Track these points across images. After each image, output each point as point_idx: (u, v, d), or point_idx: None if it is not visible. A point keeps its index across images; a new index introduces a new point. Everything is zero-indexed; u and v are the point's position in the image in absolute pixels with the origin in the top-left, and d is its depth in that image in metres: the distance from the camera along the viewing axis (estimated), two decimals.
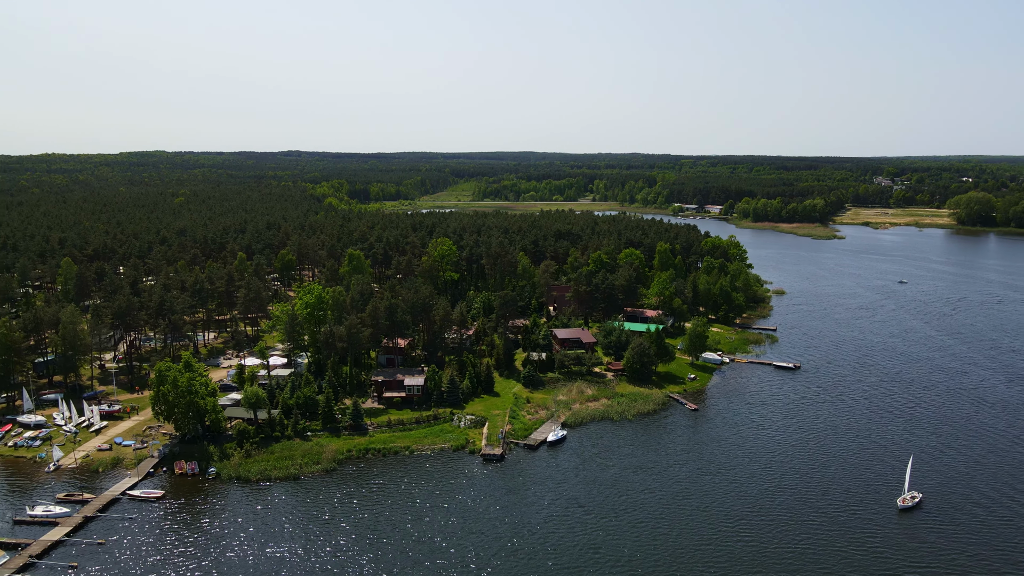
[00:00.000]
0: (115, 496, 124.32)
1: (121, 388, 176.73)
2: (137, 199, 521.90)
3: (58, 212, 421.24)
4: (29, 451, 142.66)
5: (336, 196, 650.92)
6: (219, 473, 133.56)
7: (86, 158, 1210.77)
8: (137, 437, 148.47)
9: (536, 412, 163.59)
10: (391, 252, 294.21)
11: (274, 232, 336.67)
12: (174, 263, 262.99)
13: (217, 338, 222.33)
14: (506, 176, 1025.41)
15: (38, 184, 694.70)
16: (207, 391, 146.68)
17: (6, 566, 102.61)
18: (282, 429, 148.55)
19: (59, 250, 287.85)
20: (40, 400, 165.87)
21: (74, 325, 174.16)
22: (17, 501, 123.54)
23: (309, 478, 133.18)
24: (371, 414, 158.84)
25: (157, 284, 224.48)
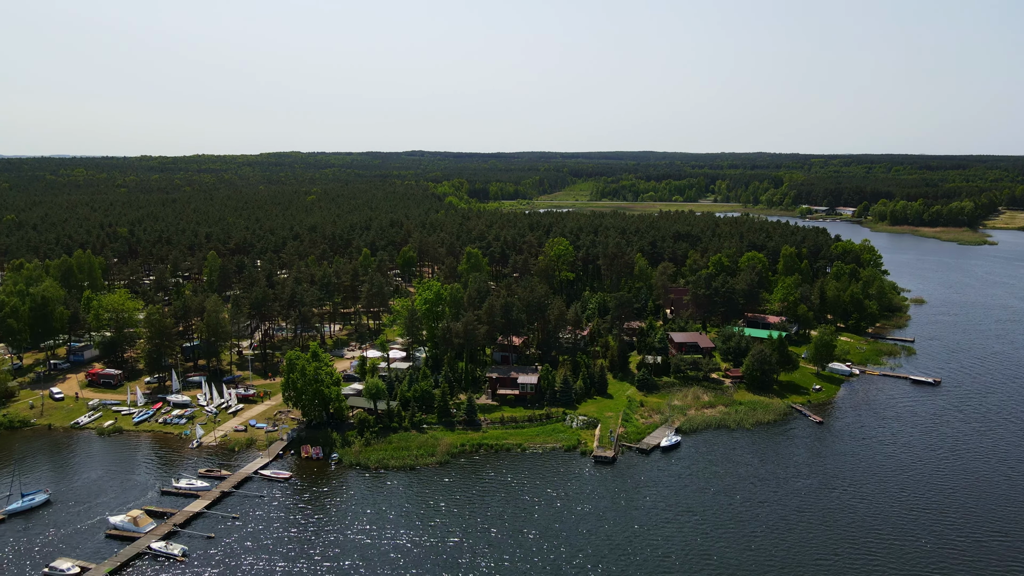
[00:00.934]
0: (248, 474, 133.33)
1: (256, 374, 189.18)
2: (274, 197, 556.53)
3: (206, 209, 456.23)
4: (176, 428, 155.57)
5: (456, 195, 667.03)
6: (341, 459, 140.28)
7: (231, 159, 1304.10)
8: (269, 420, 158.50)
9: (650, 416, 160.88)
10: (508, 251, 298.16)
11: (397, 230, 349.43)
12: (305, 258, 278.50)
13: (342, 330, 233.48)
14: (624, 176, 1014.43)
15: (190, 183, 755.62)
16: (332, 380, 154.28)
17: (154, 532, 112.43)
18: (399, 420, 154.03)
19: (205, 244, 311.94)
20: (186, 382, 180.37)
21: (217, 314, 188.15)
22: (165, 473, 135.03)
23: (424, 469, 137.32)
24: (485, 410, 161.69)
25: (289, 277, 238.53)
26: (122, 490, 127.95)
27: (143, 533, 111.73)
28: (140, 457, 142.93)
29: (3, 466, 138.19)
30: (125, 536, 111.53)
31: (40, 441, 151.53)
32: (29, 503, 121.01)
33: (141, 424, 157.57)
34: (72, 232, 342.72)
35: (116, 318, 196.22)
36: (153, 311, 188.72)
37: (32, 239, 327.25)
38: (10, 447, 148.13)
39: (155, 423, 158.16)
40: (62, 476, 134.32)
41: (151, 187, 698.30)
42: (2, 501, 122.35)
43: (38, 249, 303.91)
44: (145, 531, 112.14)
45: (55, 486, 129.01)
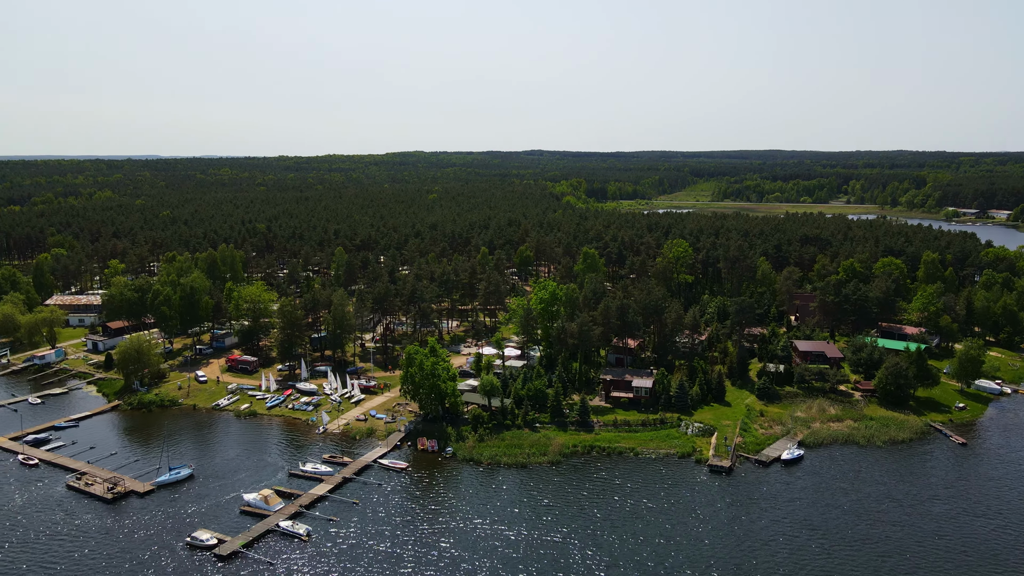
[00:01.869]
0: (368, 463, 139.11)
1: (377, 366, 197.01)
2: (398, 195, 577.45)
3: (335, 206, 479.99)
4: (303, 414, 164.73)
5: (574, 194, 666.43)
6: (455, 453, 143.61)
7: (359, 158, 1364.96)
8: (388, 412, 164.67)
9: (770, 427, 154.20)
10: (625, 252, 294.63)
11: (514, 229, 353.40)
12: (425, 255, 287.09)
13: (459, 326, 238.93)
14: (749, 176, 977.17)
15: (321, 181, 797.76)
16: (448, 376, 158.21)
17: (282, 511, 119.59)
18: (513, 418, 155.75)
19: (334, 240, 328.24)
20: (314, 371, 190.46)
21: (343, 307, 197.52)
22: (293, 456, 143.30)
23: (536, 467, 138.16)
24: (598, 412, 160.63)
25: (410, 274, 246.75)
26: (255, 470, 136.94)
27: (272, 512, 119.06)
28: (271, 440, 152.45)
29: (155, 441, 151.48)
30: (257, 513, 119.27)
31: (186, 420, 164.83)
32: (175, 476, 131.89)
33: (273, 409, 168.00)
34: (217, 227, 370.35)
35: (253, 308, 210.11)
36: (286, 303, 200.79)
37: (183, 233, 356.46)
38: (161, 424, 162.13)
39: (285, 408, 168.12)
40: (204, 453, 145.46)
41: (287, 186, 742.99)
42: (153, 473, 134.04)
43: (188, 243, 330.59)
44: (274, 510, 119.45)
45: (197, 462, 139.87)
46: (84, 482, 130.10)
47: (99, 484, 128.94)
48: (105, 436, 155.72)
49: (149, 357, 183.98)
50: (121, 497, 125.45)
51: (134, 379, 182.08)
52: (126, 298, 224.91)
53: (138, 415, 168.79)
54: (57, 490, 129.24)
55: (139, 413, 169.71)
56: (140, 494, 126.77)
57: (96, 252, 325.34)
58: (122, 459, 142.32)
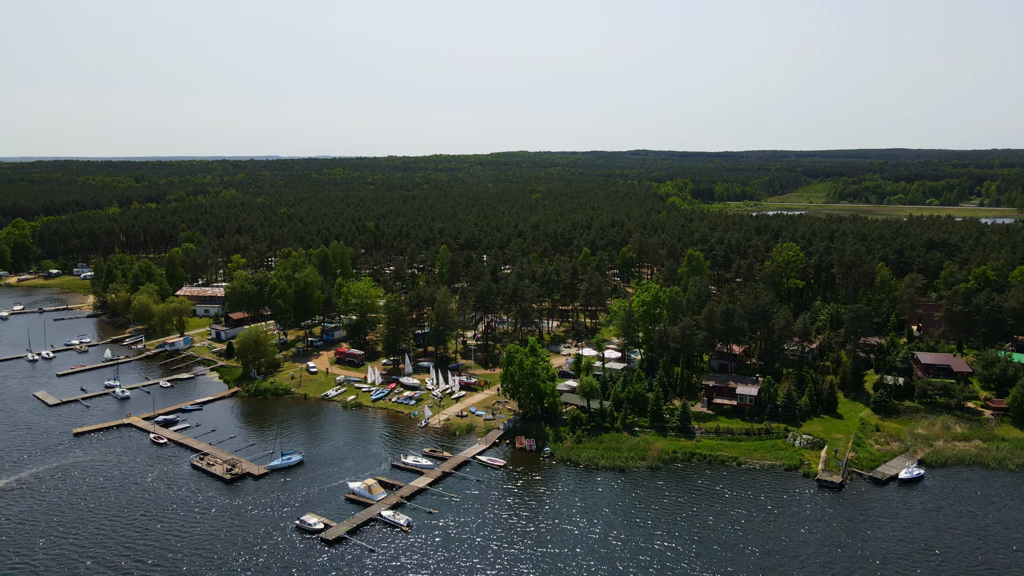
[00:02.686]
0: (467, 458, 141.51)
1: (478, 363, 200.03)
2: (501, 195, 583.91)
3: (440, 205, 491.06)
4: (406, 408, 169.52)
5: (679, 195, 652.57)
6: (553, 453, 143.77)
7: (464, 158, 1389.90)
8: (487, 409, 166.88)
9: (887, 443, 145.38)
10: (732, 255, 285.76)
11: (617, 229, 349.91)
12: (528, 254, 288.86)
13: (560, 326, 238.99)
14: (868, 176, 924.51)
15: (427, 181, 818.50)
16: (547, 376, 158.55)
17: (384, 501, 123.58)
18: (611, 421, 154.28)
19: (439, 238, 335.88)
20: (417, 366, 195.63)
21: (446, 304, 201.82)
22: (395, 448, 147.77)
23: (634, 472, 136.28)
24: (699, 418, 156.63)
25: (513, 273, 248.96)
26: (360, 459, 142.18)
27: (375, 501, 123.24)
28: (375, 431, 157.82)
29: (269, 427, 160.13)
30: (360, 501, 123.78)
31: (297, 408, 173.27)
32: (287, 461, 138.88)
33: (377, 401, 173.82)
34: (329, 225, 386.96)
35: (361, 304, 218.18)
36: (391, 299, 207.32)
37: (299, 230, 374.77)
38: (274, 411, 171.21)
39: (389, 402, 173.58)
40: (313, 441, 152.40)
41: (395, 185, 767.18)
42: (267, 457, 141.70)
43: (303, 239, 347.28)
44: (377, 499, 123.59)
45: (307, 448, 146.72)
46: (206, 462, 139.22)
47: (219, 465, 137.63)
48: (225, 420, 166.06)
49: (265, 347, 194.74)
50: (238, 478, 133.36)
51: (252, 367, 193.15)
52: (246, 291, 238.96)
53: (254, 402, 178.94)
54: (183, 468, 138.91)
55: (255, 400, 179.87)
56: (255, 476, 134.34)
57: (221, 247, 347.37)
58: (240, 442, 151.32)
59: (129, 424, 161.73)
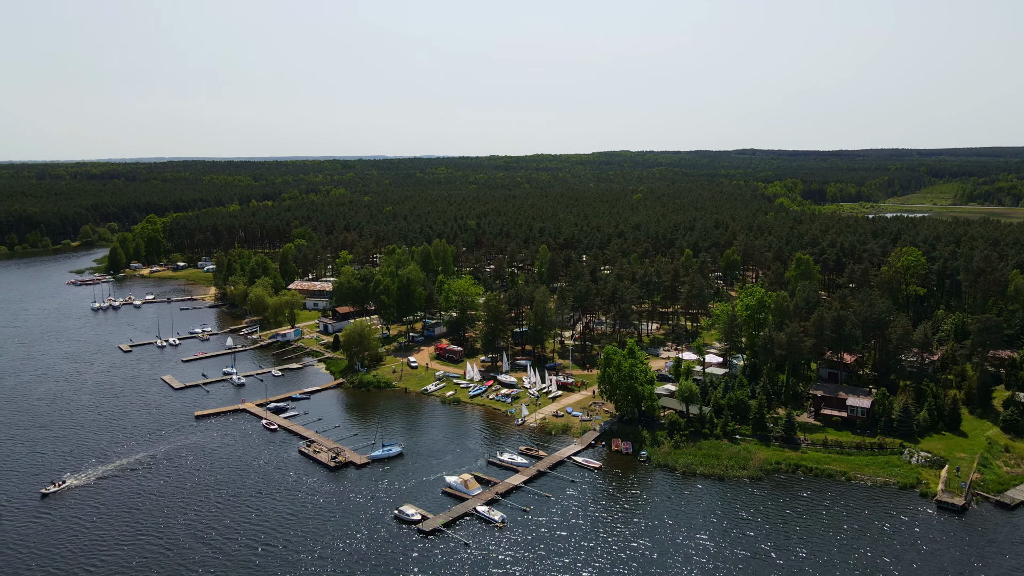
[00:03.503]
0: (562, 458, 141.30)
1: (575, 364, 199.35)
2: (602, 195, 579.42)
3: (541, 205, 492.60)
4: (503, 405, 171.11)
5: (788, 196, 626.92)
6: (649, 457, 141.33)
7: (565, 158, 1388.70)
8: (584, 410, 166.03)
9: (1017, 465, 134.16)
10: (844, 259, 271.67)
11: (721, 231, 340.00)
12: (628, 255, 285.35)
13: (659, 329, 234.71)
14: (1002, 176, 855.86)
15: (528, 180, 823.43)
16: (645, 379, 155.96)
17: (480, 496, 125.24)
18: (711, 427, 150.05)
19: (538, 238, 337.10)
20: (514, 364, 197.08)
21: (544, 304, 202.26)
22: (491, 445, 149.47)
23: (734, 481, 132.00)
24: (805, 429, 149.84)
25: (612, 273, 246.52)
26: (457, 454, 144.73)
27: (471, 496, 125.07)
28: (473, 427, 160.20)
29: (371, 419, 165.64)
30: (456, 495, 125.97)
31: (398, 401, 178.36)
32: (387, 452, 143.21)
33: (475, 398, 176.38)
34: (432, 223, 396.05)
35: (461, 301, 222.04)
36: (491, 297, 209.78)
37: (403, 228, 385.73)
38: (376, 403, 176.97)
39: (486, 398, 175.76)
40: (412, 433, 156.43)
41: (496, 184, 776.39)
42: (368, 447, 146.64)
43: (406, 237, 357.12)
44: (473, 494, 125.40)
45: (407, 441, 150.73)
46: (313, 449, 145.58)
47: (324, 452, 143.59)
48: (330, 410, 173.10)
49: (369, 341, 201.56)
50: (342, 466, 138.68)
51: (356, 360, 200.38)
52: (352, 286, 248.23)
53: (358, 393, 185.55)
54: (291, 454, 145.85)
55: (359, 392, 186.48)
56: (357, 465, 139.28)
57: (330, 243, 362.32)
58: (344, 432, 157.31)
59: (244, 410, 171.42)
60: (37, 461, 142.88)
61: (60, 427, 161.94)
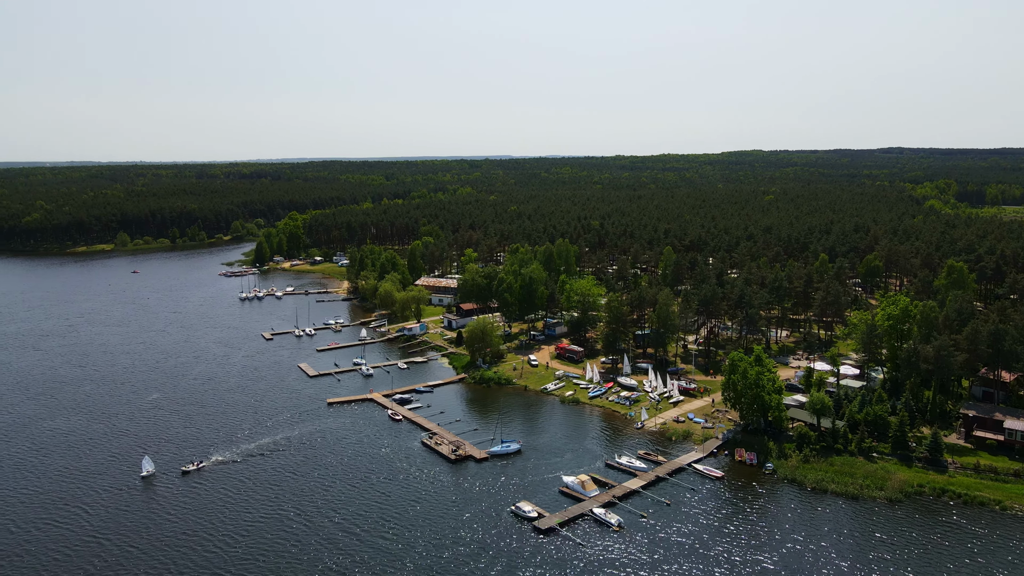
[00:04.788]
0: (682, 465, 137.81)
1: (698, 369, 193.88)
2: (731, 196, 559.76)
3: (666, 206, 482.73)
4: (622, 408, 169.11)
5: (940, 198, 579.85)
6: (776, 470, 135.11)
7: (693, 157, 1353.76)
8: (706, 417, 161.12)
9: None
10: (1005, 267, 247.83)
11: (861, 235, 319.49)
12: (757, 259, 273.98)
13: (789, 337, 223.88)
14: None
15: (654, 181, 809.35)
16: (773, 388, 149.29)
17: (597, 498, 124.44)
18: (844, 443, 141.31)
19: (663, 239, 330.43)
20: (635, 367, 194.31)
21: (668, 306, 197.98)
22: (609, 447, 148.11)
23: (869, 502, 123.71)
24: (953, 451, 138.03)
25: (739, 277, 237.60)
26: (575, 454, 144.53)
27: (588, 497, 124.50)
28: (591, 428, 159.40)
29: (491, 414, 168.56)
30: (573, 495, 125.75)
31: (517, 399, 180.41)
32: (505, 449, 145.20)
33: (594, 399, 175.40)
34: (556, 223, 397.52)
35: (583, 301, 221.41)
36: (613, 298, 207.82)
37: (527, 227, 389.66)
38: (496, 400, 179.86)
39: (605, 400, 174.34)
40: (531, 431, 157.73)
41: (621, 184, 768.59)
42: (488, 443, 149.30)
43: (530, 236, 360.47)
44: (590, 495, 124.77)
45: (525, 438, 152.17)
46: (434, 441, 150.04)
47: (445, 445, 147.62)
48: (452, 404, 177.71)
49: (491, 338, 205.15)
50: (462, 460, 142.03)
51: (478, 356, 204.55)
52: (476, 283, 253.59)
53: (479, 389, 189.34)
54: (414, 445, 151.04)
55: (480, 387, 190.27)
56: (476, 460, 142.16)
57: (455, 241, 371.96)
58: (464, 426, 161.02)
59: (371, 399, 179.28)
60: (192, 435, 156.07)
61: (212, 405, 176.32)
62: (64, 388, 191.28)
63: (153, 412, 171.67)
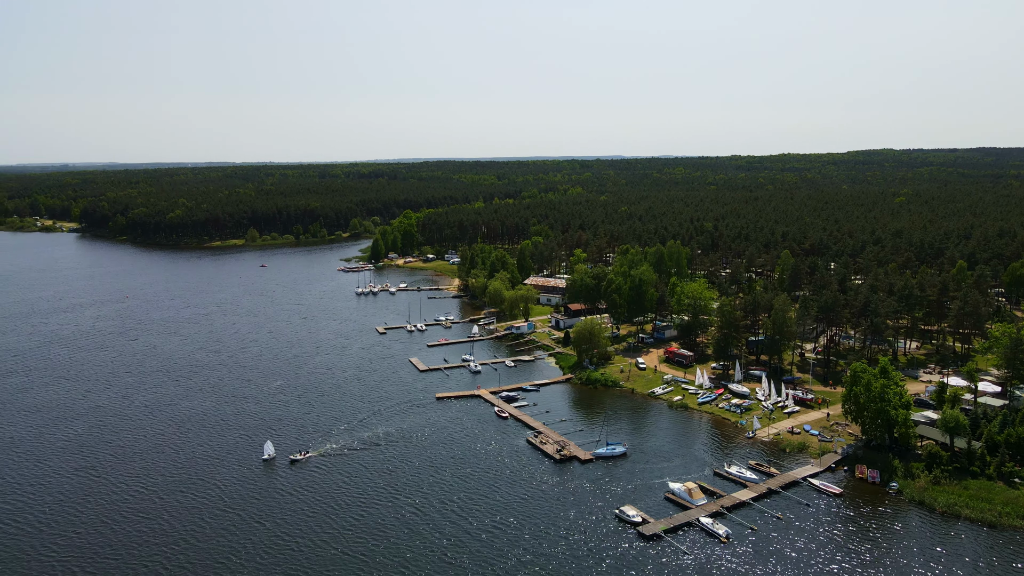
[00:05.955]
0: (797, 479, 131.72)
1: (816, 379, 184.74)
2: (857, 197, 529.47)
3: (785, 207, 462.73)
4: (733, 416, 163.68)
5: None
6: (901, 490, 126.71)
7: (815, 157, 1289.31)
8: (823, 429, 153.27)
9: None
10: None
11: (1007, 240, 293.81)
12: (885, 264, 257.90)
13: (919, 349, 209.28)
14: None
15: (772, 182, 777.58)
16: (900, 403, 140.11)
17: (704, 507, 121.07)
18: (982, 465, 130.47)
19: (780, 242, 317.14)
20: (747, 374, 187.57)
21: (784, 312, 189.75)
22: (718, 456, 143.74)
23: (1009, 530, 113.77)
24: None
25: (864, 284, 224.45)
26: (682, 461, 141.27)
27: (695, 505, 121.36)
28: (699, 435, 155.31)
29: (597, 416, 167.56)
30: (679, 503, 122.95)
31: (624, 401, 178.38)
32: (611, 451, 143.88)
33: (703, 405, 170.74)
34: (667, 224, 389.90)
35: (694, 304, 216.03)
36: (726, 302, 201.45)
37: (637, 228, 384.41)
38: (602, 402, 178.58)
39: (715, 407, 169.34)
40: (637, 435, 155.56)
41: (736, 185, 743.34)
42: (592, 444, 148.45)
43: (640, 237, 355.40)
44: (697, 504, 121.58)
45: (631, 442, 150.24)
46: (540, 440, 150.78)
47: (550, 444, 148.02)
48: (558, 403, 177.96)
49: (599, 339, 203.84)
50: (566, 460, 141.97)
51: (585, 357, 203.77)
52: (584, 284, 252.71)
53: (585, 390, 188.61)
54: (519, 442, 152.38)
55: (586, 388, 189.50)
56: (581, 460, 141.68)
57: (565, 241, 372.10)
58: (569, 426, 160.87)
59: (478, 396, 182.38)
60: (311, 421, 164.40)
61: (330, 393, 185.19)
62: (200, 371, 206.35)
63: (277, 397, 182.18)
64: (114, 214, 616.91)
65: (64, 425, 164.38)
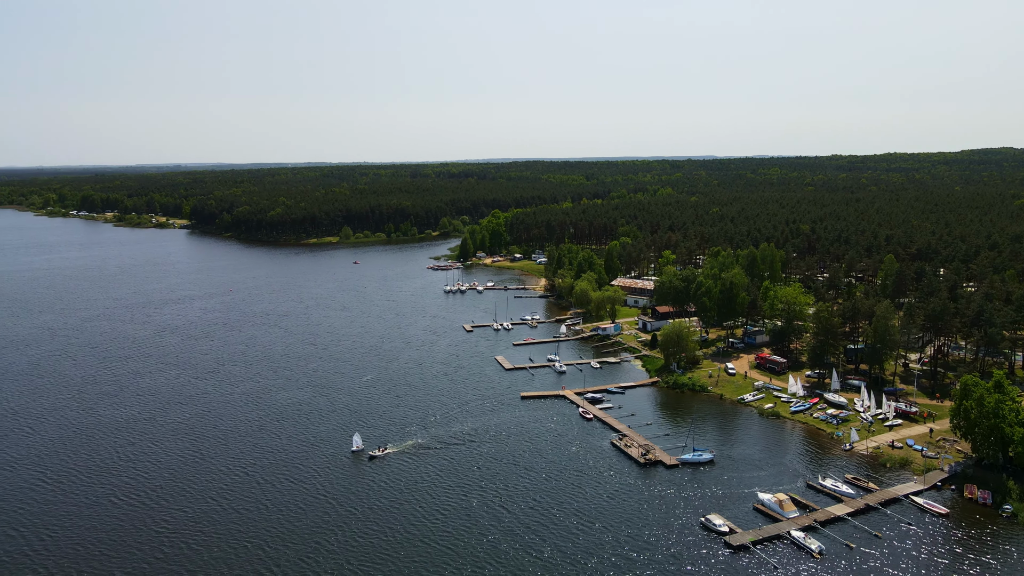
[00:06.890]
0: (898, 495, 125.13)
1: (920, 391, 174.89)
2: (971, 199, 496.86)
3: (889, 209, 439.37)
4: (828, 427, 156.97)
5: None
6: (1015, 514, 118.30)
7: (924, 157, 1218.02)
8: (929, 445, 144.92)
9: None
10: None
11: None
12: (1001, 271, 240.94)
13: None
14: None
15: (876, 182, 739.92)
16: (1017, 419, 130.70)
17: (795, 520, 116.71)
18: None
19: (884, 246, 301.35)
20: (845, 383, 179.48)
21: (887, 320, 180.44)
22: (811, 467, 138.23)
23: None
24: None
25: (978, 292, 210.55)
26: (773, 471, 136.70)
27: (785, 518, 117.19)
28: (791, 445, 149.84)
29: (683, 421, 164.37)
30: (769, 514, 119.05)
31: (712, 407, 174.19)
32: (697, 457, 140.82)
33: (796, 414, 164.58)
34: (761, 226, 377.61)
35: (788, 309, 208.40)
36: (822, 308, 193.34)
37: (728, 230, 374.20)
38: (690, 407, 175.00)
39: (809, 416, 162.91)
40: (724, 442, 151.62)
41: (836, 186, 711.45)
42: (678, 449, 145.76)
43: (732, 239, 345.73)
44: (788, 516, 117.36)
45: (718, 449, 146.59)
46: (624, 443, 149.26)
47: (635, 448, 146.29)
48: (643, 407, 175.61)
49: (687, 343, 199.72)
50: (651, 464, 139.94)
51: (672, 360, 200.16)
52: (673, 286, 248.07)
53: (671, 394, 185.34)
54: (603, 444, 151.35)
55: (672, 392, 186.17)
56: (666, 465, 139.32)
57: (653, 242, 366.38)
58: (655, 430, 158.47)
59: (563, 396, 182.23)
60: (399, 415, 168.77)
61: (419, 388, 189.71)
62: (297, 363, 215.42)
63: (367, 391, 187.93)
64: (220, 212, 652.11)
65: (176, 409, 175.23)
